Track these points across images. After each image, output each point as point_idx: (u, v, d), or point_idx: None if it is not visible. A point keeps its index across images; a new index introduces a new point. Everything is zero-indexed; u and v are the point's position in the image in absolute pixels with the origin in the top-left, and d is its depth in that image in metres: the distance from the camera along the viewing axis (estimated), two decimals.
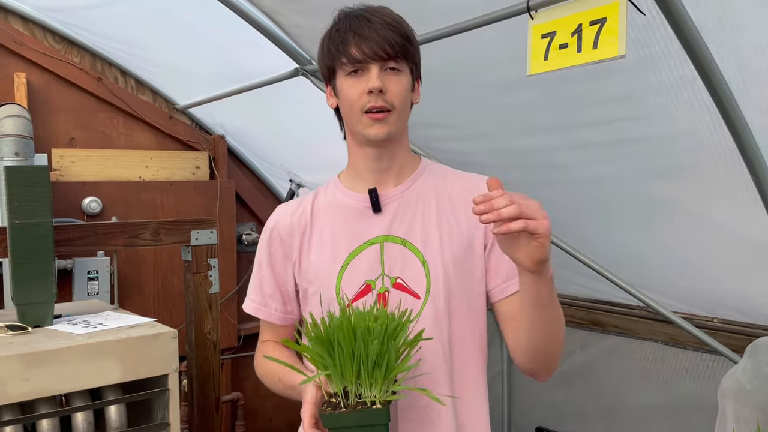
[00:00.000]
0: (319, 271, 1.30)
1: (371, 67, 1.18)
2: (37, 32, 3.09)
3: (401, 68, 1.21)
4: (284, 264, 1.36)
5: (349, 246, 1.28)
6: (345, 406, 1.07)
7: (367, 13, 1.20)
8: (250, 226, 3.78)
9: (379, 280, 1.26)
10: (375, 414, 1.05)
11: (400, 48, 1.18)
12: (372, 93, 1.18)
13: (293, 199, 1.45)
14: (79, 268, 2.99)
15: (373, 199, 1.28)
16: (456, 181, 1.34)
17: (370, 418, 1.05)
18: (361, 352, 1.04)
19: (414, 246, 1.27)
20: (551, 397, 2.90)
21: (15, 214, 1.59)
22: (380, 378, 1.06)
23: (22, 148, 2.65)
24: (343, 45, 1.19)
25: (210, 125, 3.61)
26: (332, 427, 1.06)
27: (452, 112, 2.16)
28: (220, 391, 2.00)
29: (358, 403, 1.07)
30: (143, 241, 1.86)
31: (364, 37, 1.17)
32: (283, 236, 1.35)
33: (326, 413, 1.07)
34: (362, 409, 1.05)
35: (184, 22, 2.61)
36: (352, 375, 1.06)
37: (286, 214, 1.37)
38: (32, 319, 1.61)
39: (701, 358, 2.29)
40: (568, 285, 2.68)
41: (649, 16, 1.36)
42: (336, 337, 1.06)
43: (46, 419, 1.44)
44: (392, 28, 1.18)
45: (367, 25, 1.17)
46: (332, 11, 1.28)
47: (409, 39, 1.21)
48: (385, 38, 1.17)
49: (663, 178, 1.84)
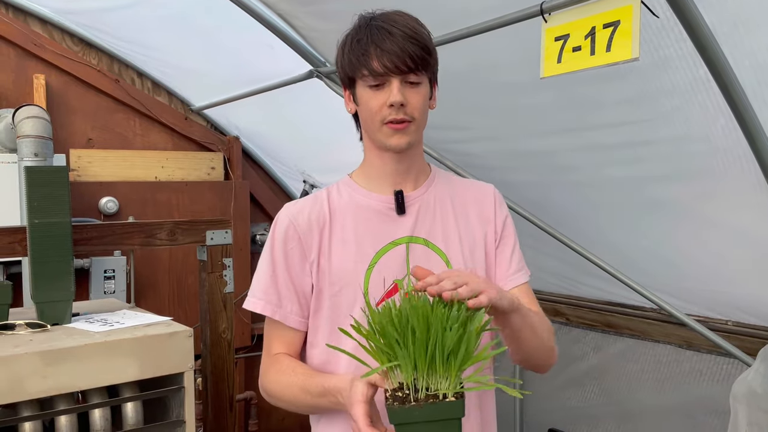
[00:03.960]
0: (343, 271, 1.29)
1: (392, 81, 1.19)
2: (56, 34, 3.13)
3: (421, 80, 1.21)
4: (301, 263, 1.30)
5: (374, 246, 1.28)
6: (415, 399, 0.98)
7: (388, 23, 1.20)
8: (263, 226, 3.80)
9: (405, 280, 1.27)
10: (450, 407, 0.97)
11: (420, 61, 1.18)
12: (393, 107, 1.19)
13: (301, 198, 1.41)
14: (96, 267, 3.03)
15: (399, 201, 1.30)
16: (465, 186, 1.39)
17: (445, 412, 0.97)
18: (438, 338, 0.97)
19: (437, 246, 1.30)
20: (564, 399, 2.89)
21: (35, 213, 1.62)
22: (455, 369, 0.98)
23: (42, 149, 2.69)
24: (365, 57, 1.19)
25: (225, 126, 3.64)
26: (401, 422, 0.98)
27: (465, 114, 2.16)
28: (234, 389, 2.02)
29: (428, 396, 0.98)
30: (159, 240, 1.88)
31: (385, 51, 1.17)
32: (301, 234, 1.30)
33: (395, 408, 0.98)
34: (435, 402, 0.97)
35: (200, 24, 2.64)
36: (424, 365, 0.98)
37: (302, 211, 1.32)
38: (51, 317, 1.64)
39: (715, 361, 2.28)
40: (581, 287, 2.67)
41: (663, 18, 1.35)
42: (410, 323, 0.98)
43: (65, 416, 1.46)
44: (413, 40, 1.18)
45: (388, 37, 1.17)
46: (347, 15, 1.28)
47: (428, 50, 1.21)
48: (406, 51, 1.17)
49: (676, 181, 1.83)
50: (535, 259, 2.59)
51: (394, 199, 1.30)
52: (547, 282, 2.79)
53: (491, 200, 1.36)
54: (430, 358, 0.98)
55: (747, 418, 1.61)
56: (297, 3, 2.11)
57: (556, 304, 2.83)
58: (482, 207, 1.35)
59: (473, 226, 1.33)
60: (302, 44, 2.33)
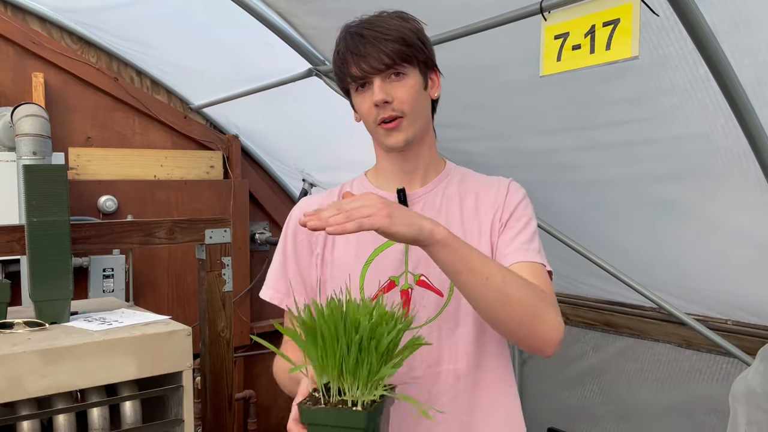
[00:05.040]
0: (343, 266, 1.31)
1: (374, 81, 1.21)
2: (55, 32, 3.13)
3: (405, 72, 1.22)
4: (309, 256, 1.36)
5: (375, 242, 1.29)
6: (326, 402, 0.99)
7: (362, 27, 1.22)
8: (263, 225, 3.80)
9: (402, 277, 1.28)
10: (352, 416, 0.97)
11: (396, 55, 1.19)
12: (378, 106, 1.21)
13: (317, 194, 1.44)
14: (95, 266, 3.03)
15: (401, 198, 1.30)
16: (478, 181, 1.37)
17: (347, 419, 0.97)
18: (343, 347, 0.97)
19: None
20: (563, 398, 2.89)
21: (33, 212, 1.62)
22: (362, 378, 0.97)
23: (40, 147, 2.69)
24: (345, 65, 1.23)
25: (224, 125, 3.64)
26: (309, 422, 0.99)
27: (465, 113, 2.16)
28: (233, 388, 2.01)
29: (340, 401, 0.99)
30: (158, 239, 1.88)
31: (360, 55, 1.20)
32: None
33: (305, 406, 1.00)
34: (341, 408, 0.98)
35: (199, 23, 2.64)
36: (334, 370, 0.98)
37: (313, 205, 1.34)
38: (49, 316, 1.63)
39: (715, 360, 2.28)
40: (581, 286, 2.67)
41: (663, 17, 1.35)
42: (320, 327, 0.98)
43: (63, 414, 1.46)
44: (386, 37, 1.19)
45: (361, 42, 1.20)
46: (345, 13, 1.29)
47: (406, 42, 1.21)
48: (380, 50, 1.19)
49: (676, 180, 1.83)
50: None
51: (397, 197, 1.30)
52: None
53: (504, 189, 1.32)
54: (339, 363, 0.97)
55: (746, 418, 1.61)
56: (296, 1, 2.11)
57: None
58: (491, 196, 1.32)
59: (480, 217, 1.30)
60: (301, 42, 2.33)
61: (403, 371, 1.24)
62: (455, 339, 1.27)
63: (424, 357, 1.26)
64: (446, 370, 1.26)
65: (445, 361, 1.27)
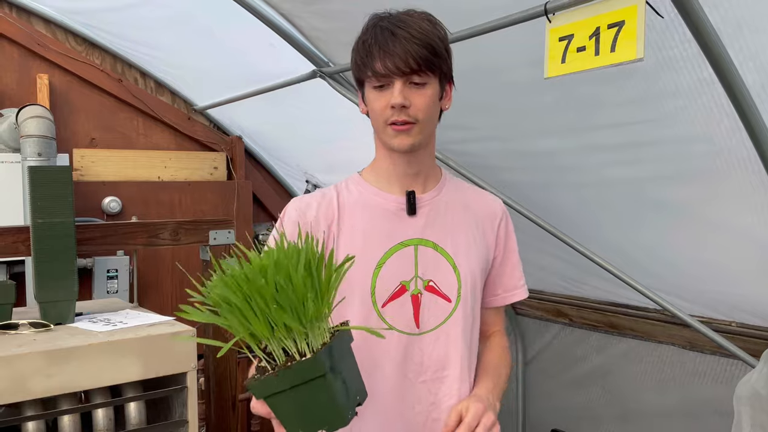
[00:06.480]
0: (351, 269, 1.27)
1: (395, 82, 1.18)
2: (59, 34, 3.14)
3: (426, 81, 1.20)
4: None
5: (383, 246, 1.28)
6: (273, 368, 0.87)
7: (393, 24, 1.19)
8: (266, 226, 3.80)
9: (412, 282, 1.28)
10: (304, 367, 0.84)
11: (424, 62, 1.17)
12: (395, 108, 1.19)
13: (309, 193, 1.41)
14: (99, 267, 3.03)
15: (410, 201, 1.30)
16: (475, 196, 1.40)
17: (302, 373, 0.84)
18: (256, 298, 0.83)
19: (445, 251, 1.30)
20: (567, 400, 2.89)
21: (38, 213, 1.63)
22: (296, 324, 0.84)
23: (45, 149, 2.70)
24: (369, 58, 1.19)
25: (228, 126, 3.65)
26: (265, 396, 0.87)
27: (467, 114, 2.16)
28: (236, 389, 2.02)
29: (288, 361, 0.86)
30: (162, 240, 1.89)
31: (388, 52, 1.16)
32: (312, 226, 1.28)
33: (252, 383, 0.88)
34: (290, 365, 0.85)
35: (203, 24, 2.64)
36: (264, 329, 0.85)
37: (311, 204, 1.32)
38: (54, 317, 1.64)
39: (719, 362, 2.27)
40: (584, 287, 2.67)
41: (668, 19, 1.35)
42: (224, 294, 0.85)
43: (68, 415, 1.46)
44: (417, 41, 1.17)
45: (391, 39, 1.17)
46: (350, 14, 1.29)
47: (434, 51, 1.19)
48: (409, 52, 1.16)
49: (679, 182, 1.82)
50: (539, 260, 2.59)
51: (406, 200, 1.30)
52: (550, 282, 2.79)
53: (500, 212, 1.39)
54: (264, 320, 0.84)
55: (751, 420, 1.61)
56: (300, 2, 2.11)
57: (559, 304, 2.83)
58: (487, 211, 1.37)
59: (481, 238, 1.35)
60: (305, 44, 2.33)
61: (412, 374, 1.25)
62: (461, 345, 1.29)
63: (432, 361, 1.28)
64: (452, 375, 1.29)
65: (451, 366, 1.29)
